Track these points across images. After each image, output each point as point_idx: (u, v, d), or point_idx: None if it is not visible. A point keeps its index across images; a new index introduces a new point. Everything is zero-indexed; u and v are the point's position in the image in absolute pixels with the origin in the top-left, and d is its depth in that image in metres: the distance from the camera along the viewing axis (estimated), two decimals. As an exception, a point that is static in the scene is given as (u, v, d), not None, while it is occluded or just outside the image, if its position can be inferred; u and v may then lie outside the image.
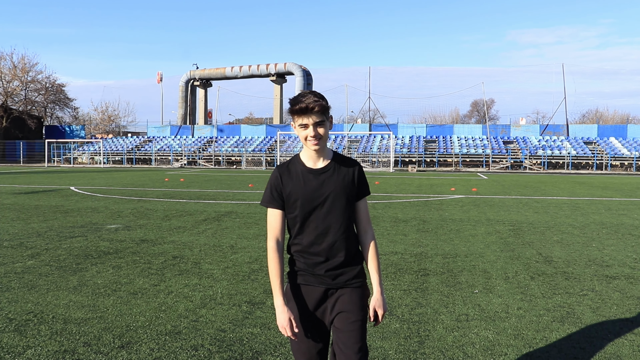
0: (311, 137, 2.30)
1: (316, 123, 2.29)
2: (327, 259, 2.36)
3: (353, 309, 2.36)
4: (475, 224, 10.36)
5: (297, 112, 2.29)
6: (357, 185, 2.42)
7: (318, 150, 2.36)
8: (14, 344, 3.92)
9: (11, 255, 7.06)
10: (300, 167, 2.40)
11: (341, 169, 2.40)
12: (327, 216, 2.35)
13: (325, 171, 2.38)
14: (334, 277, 2.37)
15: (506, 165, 42.71)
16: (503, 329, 4.34)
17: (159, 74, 63.39)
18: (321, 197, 2.34)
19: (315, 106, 2.26)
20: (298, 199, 2.35)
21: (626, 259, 7.11)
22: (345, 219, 2.37)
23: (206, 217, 11.01)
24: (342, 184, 2.37)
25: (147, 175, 29.36)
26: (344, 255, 2.37)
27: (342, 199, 2.36)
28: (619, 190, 20.01)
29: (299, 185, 2.36)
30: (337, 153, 2.48)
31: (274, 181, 2.40)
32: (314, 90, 2.33)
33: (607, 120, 72.18)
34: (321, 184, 2.36)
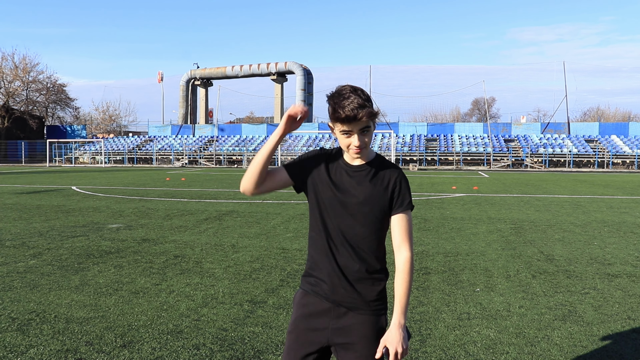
0: (355, 146, 1.99)
1: (362, 130, 1.97)
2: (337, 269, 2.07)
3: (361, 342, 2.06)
4: (476, 222, 10.36)
5: (341, 120, 1.94)
6: (393, 194, 2.06)
7: (360, 159, 2.08)
8: (16, 343, 3.93)
9: (13, 255, 7.08)
10: (340, 161, 2.12)
11: (379, 172, 2.08)
12: (346, 221, 2.05)
13: (360, 170, 2.08)
14: (337, 294, 2.07)
15: (507, 164, 42.68)
16: (504, 327, 4.34)
17: (159, 73, 63.43)
18: (345, 197, 2.06)
19: (364, 116, 1.93)
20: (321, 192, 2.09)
21: (628, 257, 7.10)
22: (366, 229, 2.05)
23: (207, 217, 11.01)
24: (374, 190, 2.05)
25: (148, 175, 29.39)
26: (358, 270, 2.06)
27: (366, 206, 2.04)
28: (620, 188, 19.98)
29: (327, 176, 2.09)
30: (381, 155, 2.16)
31: (309, 157, 2.14)
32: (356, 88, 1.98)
33: (608, 118, 72.09)
34: (350, 182, 2.07)
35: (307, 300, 2.14)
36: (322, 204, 2.09)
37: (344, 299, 2.07)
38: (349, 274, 2.06)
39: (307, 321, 2.12)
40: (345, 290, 2.06)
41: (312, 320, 2.11)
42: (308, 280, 2.17)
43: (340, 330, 2.07)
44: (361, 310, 2.07)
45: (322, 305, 2.10)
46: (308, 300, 2.14)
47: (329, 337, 2.09)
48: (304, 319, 2.13)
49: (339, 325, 2.08)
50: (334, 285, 2.07)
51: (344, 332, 2.07)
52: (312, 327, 2.10)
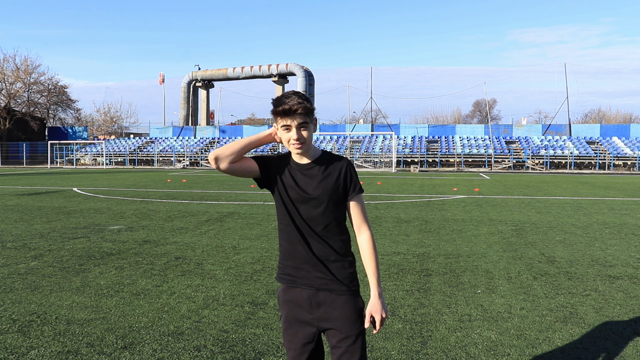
0: (294, 140, 2.21)
1: (299, 125, 2.21)
2: (309, 257, 2.28)
3: (344, 323, 2.26)
4: (477, 224, 10.35)
5: (280, 114, 2.19)
6: (345, 183, 2.30)
7: (301, 154, 2.29)
8: (17, 345, 3.93)
9: (14, 257, 7.08)
10: (290, 162, 2.35)
11: (328, 167, 2.31)
12: (310, 213, 2.27)
13: (311, 167, 2.30)
14: (318, 281, 2.28)
15: (508, 165, 42.66)
16: (506, 329, 4.33)
17: (161, 75, 63.48)
18: (305, 193, 2.27)
19: (299, 108, 2.18)
20: (283, 192, 2.30)
21: (629, 259, 7.09)
22: (328, 218, 2.27)
23: (208, 218, 11.02)
24: (326, 181, 2.28)
25: (149, 176, 29.41)
26: (327, 254, 2.27)
27: (326, 197, 2.26)
28: (622, 190, 19.96)
29: (285, 179, 2.31)
30: (326, 151, 2.39)
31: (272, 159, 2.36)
32: (297, 91, 2.26)
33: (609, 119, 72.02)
34: (307, 180, 2.28)
35: (290, 295, 2.34)
36: (286, 201, 2.31)
37: (321, 283, 2.28)
38: (322, 258, 2.28)
39: (295, 316, 2.32)
40: (321, 273, 2.28)
41: (298, 313, 2.31)
42: (284, 271, 2.36)
43: (324, 317, 2.28)
44: (338, 291, 2.28)
45: (302, 295, 2.30)
46: (291, 296, 2.33)
47: (317, 325, 2.30)
48: (292, 315, 2.33)
49: (322, 312, 2.28)
50: (309, 271, 2.29)
51: (328, 318, 2.28)
52: (301, 320, 2.31)
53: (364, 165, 43.71)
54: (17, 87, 57.98)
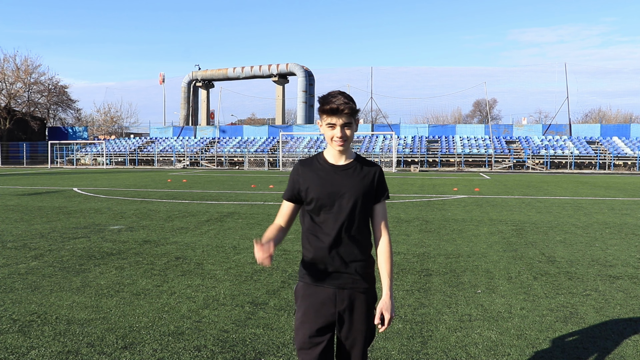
0: (338, 137, 2.34)
1: (344, 124, 2.33)
2: (337, 257, 2.36)
3: (359, 318, 2.39)
4: (477, 224, 10.35)
5: (327, 112, 2.32)
6: (375, 187, 2.43)
7: (342, 151, 2.40)
8: (17, 345, 3.93)
9: (15, 257, 7.08)
10: (322, 162, 2.44)
11: (362, 170, 2.43)
12: (342, 213, 2.35)
13: (346, 169, 2.41)
14: (342, 278, 2.37)
15: (509, 165, 42.66)
16: (506, 329, 4.33)
17: (161, 75, 63.49)
18: (338, 193, 2.36)
19: (345, 108, 2.30)
20: (315, 192, 2.37)
21: (629, 259, 7.09)
22: (359, 219, 2.38)
23: (209, 218, 11.02)
24: (360, 184, 2.38)
25: (149, 176, 29.42)
26: (355, 255, 2.37)
27: (358, 198, 2.37)
28: (622, 189, 19.96)
29: (318, 180, 2.38)
30: (360, 155, 2.52)
31: (294, 175, 2.45)
32: (343, 91, 2.37)
33: (610, 119, 72.02)
34: (340, 180, 2.38)
35: (311, 290, 2.39)
36: (319, 202, 2.37)
37: (347, 282, 2.37)
38: (350, 259, 2.36)
39: (316, 310, 2.37)
40: (348, 274, 2.37)
41: (320, 308, 2.36)
42: (308, 272, 2.42)
43: (344, 312, 2.37)
44: (360, 289, 2.39)
45: (326, 292, 2.38)
46: (313, 291, 2.39)
47: (335, 320, 2.38)
48: (312, 309, 2.37)
49: (343, 307, 2.37)
50: (337, 272, 2.37)
51: (347, 313, 2.38)
52: (322, 314, 2.36)
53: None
54: (18, 87, 57.99)
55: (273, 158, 46.41)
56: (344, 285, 2.37)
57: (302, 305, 2.40)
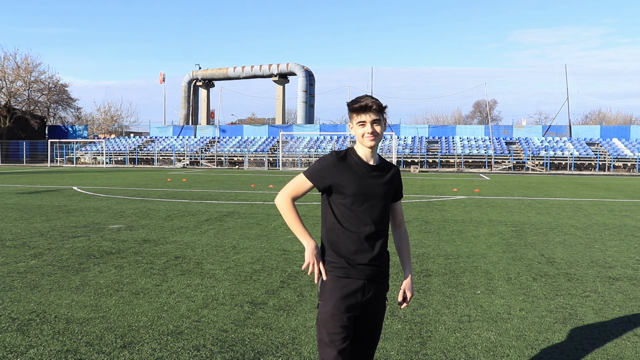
0: (369, 133, 2.47)
1: (373, 121, 2.47)
2: (366, 251, 2.48)
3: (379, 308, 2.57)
4: (477, 224, 10.35)
5: (357, 110, 2.46)
6: (396, 186, 2.64)
7: (373, 146, 2.51)
8: (16, 344, 3.93)
9: (14, 255, 7.08)
10: (356, 159, 2.53)
11: (388, 170, 2.60)
12: (372, 210, 2.50)
13: (378, 168, 2.56)
14: (370, 270, 2.49)
15: (508, 166, 42.66)
16: (505, 330, 4.33)
17: (161, 74, 63.48)
18: (371, 191, 2.49)
19: (374, 105, 2.46)
20: (352, 189, 2.46)
21: (629, 261, 7.09)
22: (384, 216, 2.56)
23: (208, 218, 11.02)
24: (387, 184, 2.56)
25: (149, 176, 29.41)
26: (379, 249, 2.52)
27: (386, 197, 2.54)
28: (621, 191, 19.96)
29: (355, 176, 2.48)
30: (381, 157, 2.66)
31: (331, 168, 2.50)
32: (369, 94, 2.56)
33: (609, 121, 72.03)
34: (373, 178, 2.51)
35: (342, 283, 2.47)
36: (355, 197, 2.48)
37: (374, 273, 2.51)
38: (377, 251, 2.51)
39: (346, 302, 2.45)
40: (375, 266, 2.51)
41: (350, 299, 2.45)
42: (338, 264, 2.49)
43: (369, 301, 2.51)
44: (383, 281, 2.58)
45: (356, 284, 2.47)
46: (343, 283, 2.47)
47: (362, 310, 2.51)
48: (343, 301, 2.44)
49: (368, 297, 2.50)
50: (367, 264, 2.48)
51: (371, 302, 2.52)
52: (351, 305, 2.45)
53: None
54: (18, 86, 57.97)
55: (273, 158, 46.39)
56: (372, 277, 2.50)
57: (331, 299, 2.45)
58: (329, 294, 2.46)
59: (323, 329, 2.43)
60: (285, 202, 2.55)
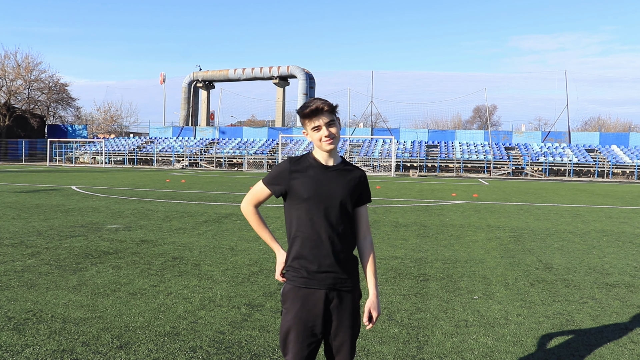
0: (325, 136, 2.40)
1: (327, 123, 2.40)
2: (325, 258, 2.39)
3: (347, 315, 2.44)
4: (475, 229, 10.35)
5: (308, 115, 2.39)
6: (360, 190, 2.50)
7: (332, 149, 2.43)
8: (12, 343, 3.92)
9: (11, 254, 7.07)
10: (312, 161, 2.46)
11: (349, 172, 2.49)
12: (329, 214, 2.40)
13: (335, 169, 2.46)
14: (331, 279, 2.40)
15: (507, 172, 42.69)
16: (502, 335, 4.33)
17: (162, 75, 63.49)
18: (327, 193, 2.40)
19: (324, 106, 2.38)
20: (306, 192, 2.40)
21: (626, 267, 7.10)
22: (345, 220, 2.44)
23: (207, 219, 11.01)
24: (347, 186, 2.44)
25: (148, 176, 29.39)
26: (341, 256, 2.42)
27: (345, 200, 2.42)
28: (620, 198, 19.98)
29: (309, 179, 2.41)
30: (344, 158, 2.55)
31: (282, 171, 2.46)
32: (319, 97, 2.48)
33: (609, 128, 72.16)
34: (329, 180, 2.43)
35: (302, 293, 2.41)
36: (310, 201, 2.40)
37: (336, 282, 2.41)
38: (338, 259, 2.41)
39: (307, 312, 2.39)
40: (336, 273, 2.41)
41: (311, 310, 2.39)
42: (298, 272, 2.42)
43: (334, 311, 2.42)
44: (348, 288, 2.45)
45: (317, 294, 2.40)
46: (303, 293, 2.40)
47: (325, 320, 2.41)
48: (303, 312, 2.39)
49: (333, 307, 2.42)
50: (326, 272, 2.40)
51: (336, 312, 2.42)
52: (313, 316, 2.39)
53: (363, 169, 43.73)
54: (18, 84, 57.94)
55: (272, 160, 46.40)
56: (333, 285, 2.41)
57: (292, 308, 2.40)
58: (290, 304, 2.42)
59: (284, 338, 2.41)
60: (247, 210, 2.57)
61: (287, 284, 2.47)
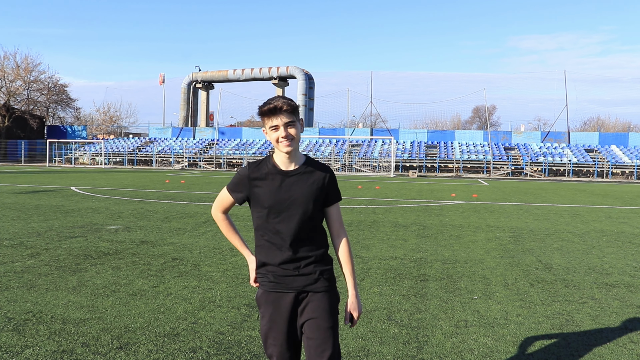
0: (282, 137, 2.30)
1: (286, 123, 2.30)
2: (291, 262, 2.36)
3: (322, 315, 2.36)
4: (475, 230, 10.36)
5: (267, 114, 2.30)
6: (326, 191, 2.41)
7: (290, 152, 2.34)
8: (12, 344, 3.92)
9: (11, 255, 7.07)
10: (271, 167, 2.39)
11: (311, 174, 2.39)
12: (290, 220, 2.34)
13: (295, 174, 2.37)
14: (301, 281, 2.37)
15: (507, 172, 42.71)
16: (502, 335, 4.33)
17: (161, 75, 63.51)
18: (287, 199, 2.34)
19: (284, 105, 2.28)
20: (266, 199, 2.35)
21: (626, 267, 7.10)
22: (310, 225, 2.37)
23: (206, 219, 11.01)
24: (309, 189, 2.36)
25: (147, 177, 29.39)
26: (309, 258, 2.37)
27: (307, 204, 2.35)
28: (619, 198, 20.00)
29: (267, 187, 2.35)
30: (310, 158, 2.47)
31: (241, 178, 2.42)
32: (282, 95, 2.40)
33: (608, 128, 72.22)
34: (289, 186, 2.35)
35: (272, 297, 2.40)
36: (270, 208, 2.35)
37: (307, 284, 2.37)
38: (306, 262, 2.37)
39: (279, 315, 2.38)
40: (304, 276, 2.37)
41: (282, 313, 2.38)
42: (266, 277, 2.42)
43: (306, 309, 2.38)
44: (320, 289, 2.39)
45: (287, 297, 2.38)
46: (273, 297, 2.39)
47: (299, 321, 2.39)
48: (277, 316, 2.38)
49: (303, 309, 2.38)
50: (295, 275, 2.37)
51: (310, 311, 2.37)
52: (286, 320, 2.37)
53: (363, 169, 43.72)
54: (17, 85, 57.95)
55: (272, 160, 46.39)
56: (303, 288, 2.37)
57: (266, 312, 2.40)
58: (264, 309, 2.42)
59: (264, 341, 2.43)
60: (216, 216, 2.56)
61: (259, 289, 2.47)
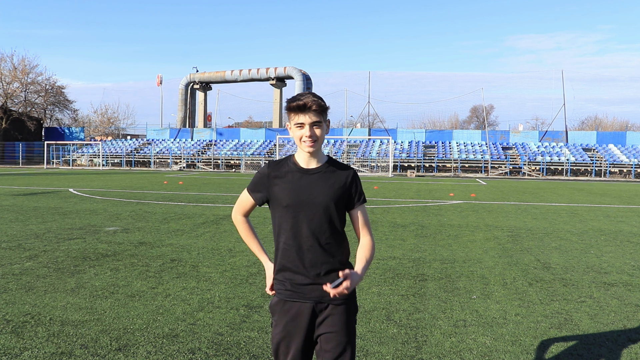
0: (307, 137, 2.20)
1: (313, 123, 2.20)
2: (310, 269, 2.23)
3: (341, 330, 2.24)
4: (473, 229, 10.37)
5: (294, 110, 2.20)
6: (349, 192, 2.30)
7: (312, 152, 2.25)
8: (10, 346, 3.91)
9: (9, 257, 7.05)
10: (291, 165, 2.31)
11: (332, 174, 2.29)
12: (311, 221, 2.23)
13: (316, 172, 2.27)
14: (318, 291, 2.23)
15: (505, 171, 42.76)
16: (500, 335, 4.34)
17: (158, 76, 63.42)
18: (307, 198, 2.23)
19: (313, 105, 2.18)
20: (285, 199, 2.25)
21: (624, 266, 7.11)
22: (332, 226, 2.25)
23: (205, 220, 11.00)
24: (330, 189, 2.25)
25: (145, 178, 29.35)
26: (331, 264, 2.25)
27: (328, 203, 2.23)
28: (617, 197, 20.03)
29: (288, 185, 2.26)
30: (332, 158, 2.38)
31: (263, 179, 2.33)
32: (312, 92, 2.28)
33: (606, 127, 72.34)
34: (309, 185, 2.24)
35: (287, 307, 2.28)
36: (290, 208, 2.24)
37: (324, 294, 2.22)
38: (326, 269, 2.24)
39: (294, 326, 2.26)
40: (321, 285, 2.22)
41: (298, 324, 2.25)
42: (283, 285, 2.30)
43: (324, 323, 2.25)
44: (339, 300, 2.24)
45: (303, 308, 2.26)
46: (289, 307, 2.28)
47: (316, 332, 2.27)
48: (291, 325, 2.26)
49: (322, 318, 2.25)
50: (314, 284, 2.23)
51: (327, 324, 2.25)
52: (301, 330, 2.25)
53: (361, 169, 43.73)
54: (15, 87, 57.80)
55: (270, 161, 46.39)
56: (321, 299, 2.24)
57: (280, 321, 2.28)
58: (278, 317, 2.30)
59: (275, 350, 2.32)
60: (235, 219, 2.49)
61: (274, 297, 2.35)
